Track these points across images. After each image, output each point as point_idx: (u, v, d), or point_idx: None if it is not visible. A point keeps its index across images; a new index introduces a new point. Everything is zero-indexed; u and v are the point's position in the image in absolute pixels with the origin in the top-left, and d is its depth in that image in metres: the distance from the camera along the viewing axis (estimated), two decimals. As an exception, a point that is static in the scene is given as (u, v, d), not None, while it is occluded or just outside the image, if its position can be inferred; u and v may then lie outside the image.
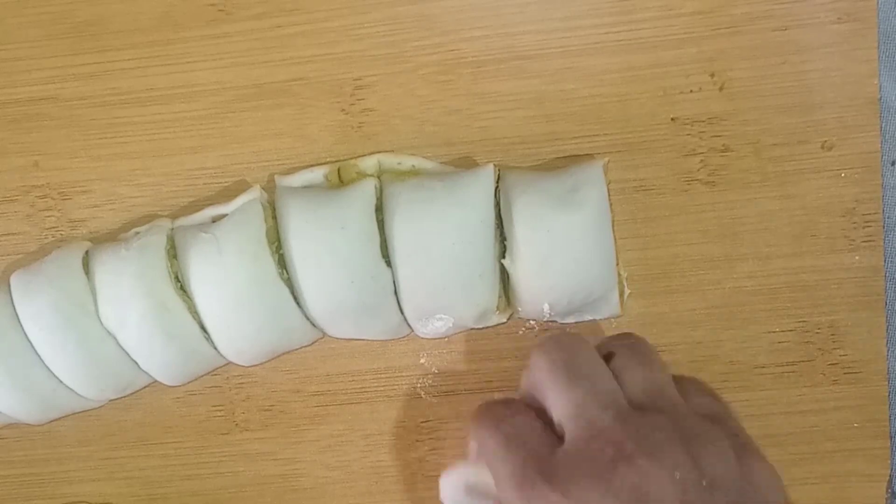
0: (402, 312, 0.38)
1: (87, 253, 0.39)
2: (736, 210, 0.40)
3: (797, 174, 0.39)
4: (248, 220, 0.37)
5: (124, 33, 0.40)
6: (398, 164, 0.39)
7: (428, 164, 0.39)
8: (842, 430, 0.41)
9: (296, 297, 0.37)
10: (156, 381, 0.39)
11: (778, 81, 0.39)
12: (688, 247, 0.40)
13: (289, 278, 0.37)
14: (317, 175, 0.40)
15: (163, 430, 0.42)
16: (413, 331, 0.39)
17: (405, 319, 0.38)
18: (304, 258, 0.36)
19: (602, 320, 0.39)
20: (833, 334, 0.40)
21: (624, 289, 0.38)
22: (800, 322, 0.40)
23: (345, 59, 0.40)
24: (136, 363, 0.38)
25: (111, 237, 0.41)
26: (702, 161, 0.40)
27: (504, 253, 0.37)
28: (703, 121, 0.39)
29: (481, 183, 0.37)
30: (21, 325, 0.37)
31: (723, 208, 0.40)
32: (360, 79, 0.40)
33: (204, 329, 0.38)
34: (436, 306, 0.37)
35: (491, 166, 0.38)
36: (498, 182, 0.38)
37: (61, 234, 0.41)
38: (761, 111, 0.39)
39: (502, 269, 0.37)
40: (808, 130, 0.39)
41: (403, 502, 0.42)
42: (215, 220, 0.39)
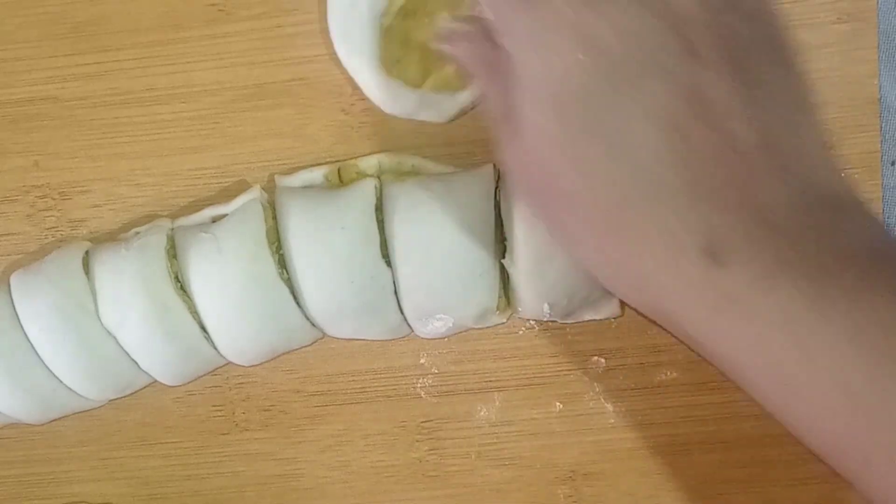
0: (401, 312, 0.38)
1: (87, 253, 0.39)
2: (736, 210, 0.40)
3: (797, 174, 0.39)
4: (248, 220, 0.37)
5: (124, 33, 0.40)
6: (398, 164, 0.39)
7: (428, 164, 0.39)
8: (842, 429, 0.41)
9: (296, 297, 0.37)
10: (156, 381, 0.39)
11: (778, 81, 0.39)
12: (688, 247, 0.40)
13: (289, 278, 0.37)
14: (317, 175, 0.40)
15: (163, 430, 0.42)
16: (413, 331, 0.39)
17: (405, 319, 0.38)
18: (304, 258, 0.36)
19: (602, 320, 0.39)
20: (833, 334, 0.40)
21: None
22: (800, 322, 0.40)
23: (345, 59, 0.40)
24: (136, 363, 0.38)
25: (111, 237, 0.41)
26: (702, 161, 0.40)
27: (504, 253, 0.37)
28: (703, 121, 0.39)
29: (481, 183, 0.37)
30: (21, 325, 0.37)
31: (723, 208, 0.40)
32: (360, 79, 0.40)
33: (204, 329, 0.38)
34: (436, 306, 0.37)
35: (491, 166, 0.38)
36: (498, 182, 0.38)
37: (61, 234, 0.41)
38: (761, 111, 0.39)
39: (502, 269, 0.37)
40: (808, 130, 0.39)
41: (403, 502, 0.42)
42: (215, 220, 0.39)
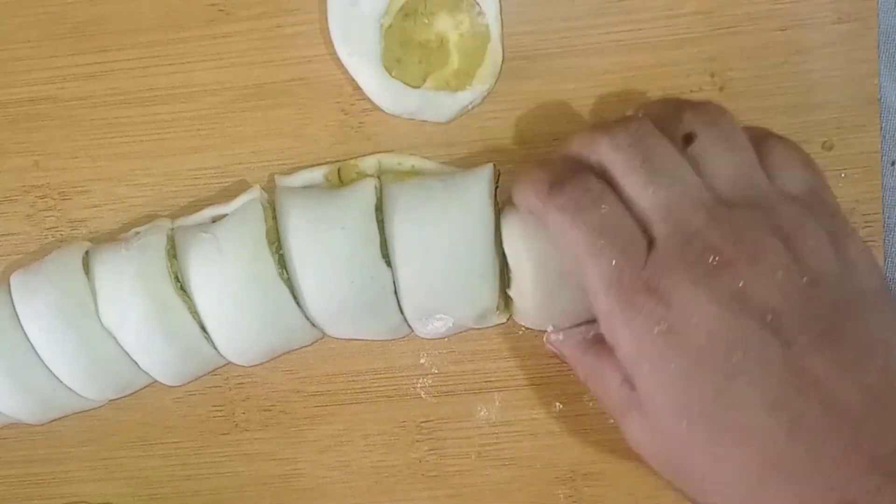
0: (401, 312, 0.38)
1: (87, 253, 0.39)
2: (736, 210, 0.40)
3: (797, 174, 0.39)
4: (248, 220, 0.37)
5: (124, 33, 0.40)
6: (398, 164, 0.39)
7: (428, 164, 0.39)
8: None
9: (296, 297, 0.37)
10: (156, 381, 0.39)
11: (778, 81, 0.39)
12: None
13: (289, 278, 0.37)
14: (317, 175, 0.40)
15: (163, 430, 0.42)
16: (413, 331, 0.39)
17: (405, 319, 0.38)
18: (304, 258, 0.36)
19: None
20: (833, 334, 0.40)
21: None
22: (800, 322, 0.40)
23: (345, 59, 0.40)
24: (136, 363, 0.38)
25: (111, 237, 0.41)
26: (702, 161, 0.40)
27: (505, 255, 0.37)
28: (703, 121, 0.39)
29: (481, 183, 0.37)
30: (21, 326, 0.37)
31: (723, 208, 0.40)
32: (360, 79, 0.40)
33: (204, 329, 0.38)
34: (436, 306, 0.37)
35: (491, 166, 0.38)
36: (498, 182, 0.38)
37: (61, 234, 0.41)
38: (761, 111, 0.39)
39: (502, 269, 0.37)
40: (808, 130, 0.39)
41: (403, 502, 0.42)
42: (215, 220, 0.39)
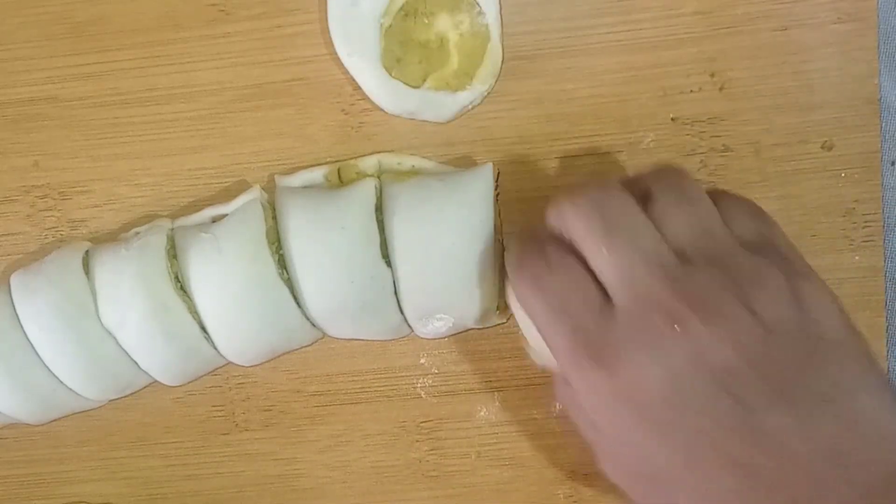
0: (402, 312, 0.38)
1: (87, 253, 0.39)
2: (736, 210, 0.40)
3: (797, 174, 0.39)
4: (248, 220, 0.37)
5: (124, 33, 0.40)
6: (398, 164, 0.39)
7: (428, 164, 0.39)
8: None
9: (296, 297, 0.37)
10: (156, 381, 0.39)
11: (778, 81, 0.39)
12: (688, 247, 0.40)
13: (289, 278, 0.37)
14: (317, 175, 0.40)
15: (163, 430, 0.42)
16: (413, 331, 0.39)
17: (405, 319, 0.38)
18: (304, 258, 0.36)
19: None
20: (833, 334, 0.40)
21: None
22: (800, 322, 0.40)
23: (345, 59, 0.40)
24: (136, 363, 0.38)
25: (111, 237, 0.41)
26: (702, 161, 0.40)
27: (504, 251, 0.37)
28: (703, 121, 0.39)
29: (481, 183, 0.37)
30: (21, 326, 0.37)
31: (723, 208, 0.40)
32: (360, 79, 0.40)
33: (204, 329, 0.38)
34: (436, 306, 0.37)
35: (490, 166, 0.37)
36: (498, 182, 0.38)
37: (61, 234, 0.41)
38: (761, 111, 0.39)
39: (502, 268, 0.37)
40: (808, 130, 0.39)
41: (403, 502, 0.42)
42: (215, 220, 0.39)
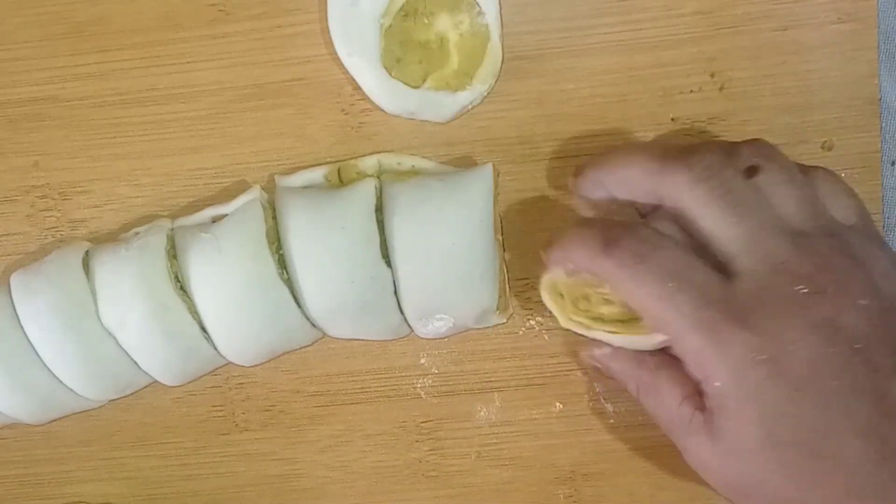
0: (402, 312, 0.38)
1: (87, 253, 0.39)
2: (736, 210, 0.40)
3: (797, 174, 0.39)
4: (248, 220, 0.37)
5: (124, 33, 0.40)
6: (398, 164, 0.39)
7: (428, 164, 0.39)
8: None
9: (296, 297, 0.37)
10: (156, 381, 0.39)
11: (778, 81, 0.39)
12: (688, 247, 0.40)
13: (289, 278, 0.37)
14: (317, 175, 0.40)
15: (163, 430, 0.42)
16: (413, 331, 0.39)
17: (405, 319, 0.38)
18: (304, 258, 0.36)
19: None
20: (833, 334, 0.40)
21: None
22: (800, 322, 0.40)
23: (345, 59, 0.40)
24: (136, 363, 0.38)
25: (111, 237, 0.41)
26: (702, 161, 0.40)
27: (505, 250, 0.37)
28: (703, 121, 0.39)
29: (481, 183, 0.37)
30: (21, 326, 0.37)
31: (723, 208, 0.40)
32: (360, 79, 0.40)
33: (204, 329, 0.38)
34: (436, 306, 0.37)
35: (490, 166, 0.37)
36: (497, 182, 0.38)
37: (61, 234, 0.41)
38: (761, 111, 0.39)
39: (502, 268, 0.37)
40: (808, 130, 0.39)
41: (403, 502, 0.42)
42: (215, 220, 0.39)
